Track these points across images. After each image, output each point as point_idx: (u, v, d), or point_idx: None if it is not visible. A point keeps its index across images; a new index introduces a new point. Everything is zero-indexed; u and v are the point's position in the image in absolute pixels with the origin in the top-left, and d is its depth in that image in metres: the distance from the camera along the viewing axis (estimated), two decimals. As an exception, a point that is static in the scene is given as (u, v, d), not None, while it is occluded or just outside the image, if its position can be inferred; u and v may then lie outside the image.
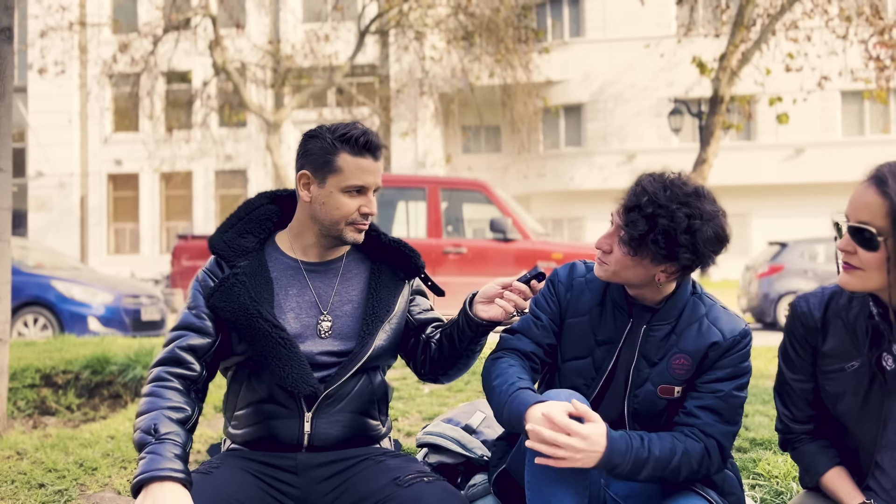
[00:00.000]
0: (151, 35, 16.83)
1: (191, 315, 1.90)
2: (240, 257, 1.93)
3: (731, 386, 1.84)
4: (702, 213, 1.74)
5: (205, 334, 1.88)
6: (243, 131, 22.68)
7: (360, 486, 1.85)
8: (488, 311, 1.87)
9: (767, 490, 2.58)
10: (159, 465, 1.61)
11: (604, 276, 1.87)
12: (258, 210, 2.02)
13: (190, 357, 1.85)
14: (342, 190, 1.88)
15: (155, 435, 1.68)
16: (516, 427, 1.73)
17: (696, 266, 1.80)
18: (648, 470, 1.72)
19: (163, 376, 1.82)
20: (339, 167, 1.88)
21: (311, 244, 1.97)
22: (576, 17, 23.58)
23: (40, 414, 4.60)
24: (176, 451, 1.66)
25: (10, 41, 3.64)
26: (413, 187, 8.52)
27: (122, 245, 24.96)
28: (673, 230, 1.72)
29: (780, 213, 22.29)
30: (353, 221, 1.91)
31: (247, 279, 1.89)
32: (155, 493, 1.57)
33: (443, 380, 2.05)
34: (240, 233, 1.97)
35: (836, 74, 14.03)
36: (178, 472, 1.62)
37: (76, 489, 2.78)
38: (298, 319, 1.92)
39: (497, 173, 23.41)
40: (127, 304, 9.10)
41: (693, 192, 1.77)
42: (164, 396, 1.77)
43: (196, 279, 1.96)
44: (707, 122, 12.26)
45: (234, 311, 1.85)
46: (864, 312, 1.68)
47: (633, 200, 1.78)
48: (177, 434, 1.70)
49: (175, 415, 1.75)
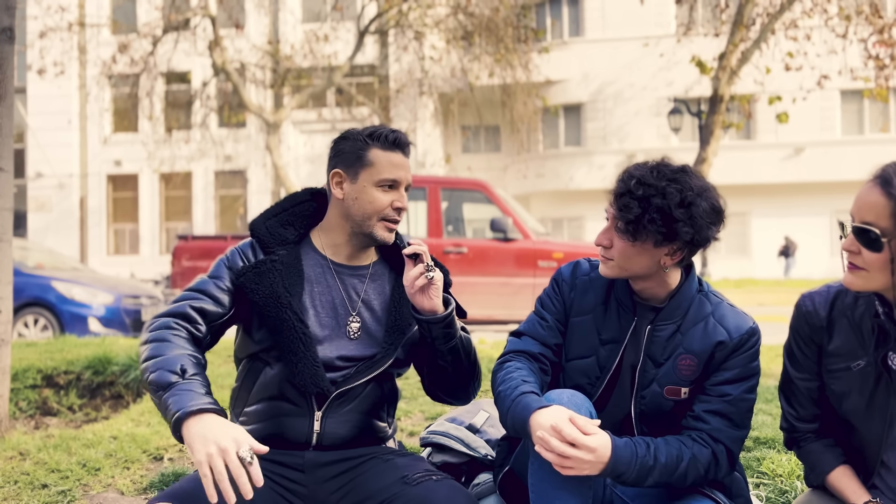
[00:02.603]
0: (151, 35, 16.82)
1: (210, 282, 1.90)
2: (279, 246, 1.95)
3: (741, 389, 1.81)
4: (692, 186, 1.74)
5: (219, 304, 1.87)
6: (243, 132, 22.67)
7: (367, 484, 1.85)
8: (423, 301, 1.84)
9: (772, 489, 2.58)
10: (199, 401, 1.59)
11: (610, 272, 1.84)
12: (302, 205, 2.04)
13: (199, 318, 1.84)
14: (375, 184, 1.91)
15: (183, 375, 1.65)
16: (520, 432, 1.72)
17: (697, 242, 1.76)
18: (654, 477, 1.71)
19: (172, 325, 1.79)
20: (371, 161, 1.92)
21: (341, 243, 1.98)
22: (575, 16, 23.58)
23: (42, 415, 4.60)
24: (206, 388, 1.65)
25: (10, 41, 3.64)
26: (413, 187, 8.50)
27: (122, 246, 24.95)
28: (668, 207, 1.72)
29: (780, 212, 22.32)
30: (386, 217, 1.93)
31: (283, 268, 1.91)
32: (206, 423, 1.54)
33: (452, 401, 2.06)
34: (282, 223, 1.99)
35: (836, 73, 14.03)
36: (215, 405, 1.60)
37: (79, 489, 2.78)
38: (319, 318, 1.92)
39: (496, 173, 23.42)
40: (127, 304, 9.09)
41: (680, 170, 1.78)
42: (177, 343, 1.75)
43: (225, 255, 1.95)
44: (706, 122, 12.26)
45: (264, 296, 1.86)
46: (870, 311, 1.68)
47: (622, 187, 1.78)
48: (201, 377, 1.68)
49: (193, 360, 1.71)
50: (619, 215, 1.77)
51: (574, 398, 1.73)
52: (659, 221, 1.72)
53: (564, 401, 1.71)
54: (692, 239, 1.74)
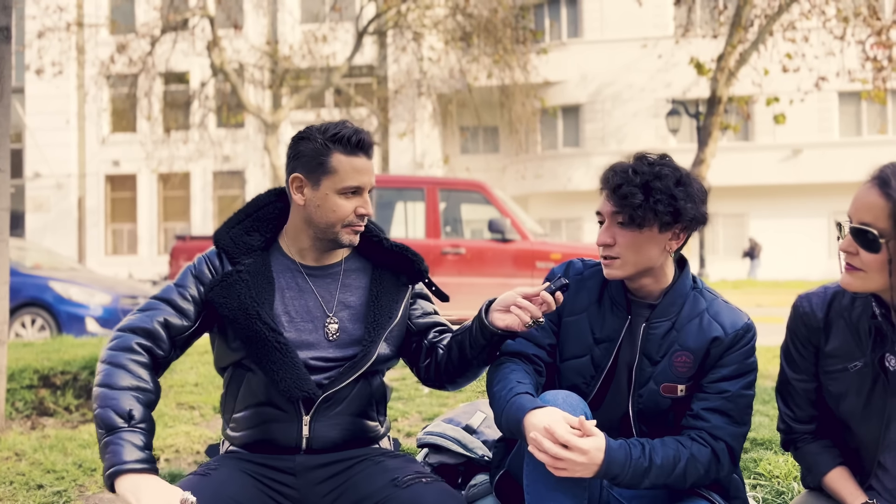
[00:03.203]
0: (149, 36, 16.81)
1: (174, 292, 1.87)
2: (244, 255, 1.91)
3: (738, 385, 1.81)
4: (679, 168, 1.82)
5: (184, 316, 1.85)
6: (241, 132, 22.66)
7: (358, 487, 1.84)
8: (504, 320, 1.81)
9: (769, 490, 2.57)
10: (135, 457, 1.63)
11: (619, 272, 1.82)
12: (266, 208, 1.99)
13: (163, 334, 1.82)
14: (338, 192, 1.85)
15: (129, 422, 1.67)
16: (515, 433, 1.72)
17: (697, 219, 1.80)
18: (651, 478, 1.71)
19: (132, 346, 1.78)
20: (333, 168, 1.84)
21: (306, 247, 1.94)
22: (573, 17, 23.59)
23: (38, 415, 4.58)
24: (146, 442, 1.67)
25: (8, 41, 3.63)
26: (411, 188, 8.51)
27: (120, 246, 24.93)
28: (668, 187, 1.76)
29: (778, 214, 22.32)
30: (350, 223, 1.88)
31: (249, 278, 1.87)
32: (138, 483, 1.59)
33: (448, 387, 2.01)
34: (246, 230, 1.94)
35: (834, 75, 14.04)
36: (149, 463, 1.64)
37: (75, 490, 2.77)
38: (294, 323, 1.89)
39: (495, 174, 23.41)
40: (125, 304, 9.08)
41: (660, 157, 1.83)
42: (132, 372, 1.74)
43: (193, 262, 1.93)
44: (705, 123, 12.27)
45: (233, 309, 1.83)
46: (867, 312, 1.68)
47: (617, 180, 1.79)
48: (146, 423, 1.70)
49: (143, 397, 1.72)
50: (621, 207, 1.77)
51: (569, 399, 1.72)
52: (665, 202, 1.75)
53: (559, 402, 1.70)
54: (694, 216, 1.79)
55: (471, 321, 1.90)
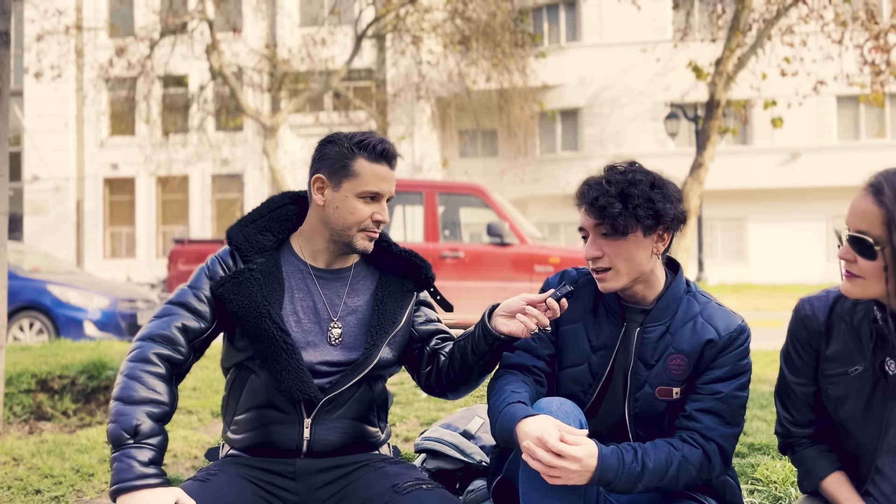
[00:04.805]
0: (148, 39, 16.79)
1: (190, 294, 1.89)
2: (256, 254, 1.92)
3: (731, 386, 1.82)
4: (650, 172, 1.84)
5: (200, 318, 1.87)
6: (240, 135, 22.66)
7: (358, 492, 1.84)
8: (509, 326, 1.81)
9: (766, 495, 2.57)
10: (137, 473, 1.64)
11: (614, 283, 1.83)
12: (280, 209, 2.01)
13: (181, 338, 1.84)
14: (357, 195, 1.88)
15: (135, 438, 1.68)
16: (509, 442, 1.73)
17: (677, 218, 1.82)
18: (644, 482, 1.71)
19: (149, 357, 1.79)
20: (355, 172, 1.88)
21: (320, 249, 1.96)
22: (572, 21, 23.62)
23: (36, 419, 4.58)
24: (151, 457, 1.68)
25: (6, 45, 3.63)
26: (410, 191, 8.52)
27: (119, 249, 24.90)
28: (644, 192, 1.78)
29: (777, 218, 22.34)
30: (365, 228, 1.90)
31: (261, 276, 1.89)
32: (138, 500, 1.61)
33: (449, 395, 2.02)
34: (260, 229, 1.96)
35: (832, 79, 14.05)
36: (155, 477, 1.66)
37: (73, 495, 2.77)
38: (301, 325, 1.90)
39: (493, 177, 23.42)
40: (123, 308, 9.07)
41: (629, 164, 1.85)
42: (147, 384, 1.76)
43: (206, 263, 1.94)
44: (703, 127, 12.26)
45: (243, 307, 1.84)
46: (869, 317, 1.68)
47: (593, 193, 1.81)
48: (155, 437, 1.71)
49: (156, 410, 1.74)
50: (601, 219, 1.79)
51: (563, 406, 1.73)
52: (644, 206, 1.77)
53: (553, 409, 1.71)
54: (674, 215, 1.81)
55: (474, 326, 1.91)
